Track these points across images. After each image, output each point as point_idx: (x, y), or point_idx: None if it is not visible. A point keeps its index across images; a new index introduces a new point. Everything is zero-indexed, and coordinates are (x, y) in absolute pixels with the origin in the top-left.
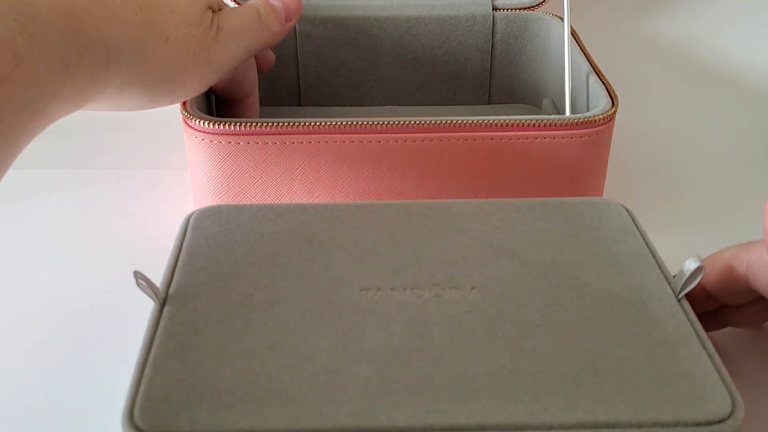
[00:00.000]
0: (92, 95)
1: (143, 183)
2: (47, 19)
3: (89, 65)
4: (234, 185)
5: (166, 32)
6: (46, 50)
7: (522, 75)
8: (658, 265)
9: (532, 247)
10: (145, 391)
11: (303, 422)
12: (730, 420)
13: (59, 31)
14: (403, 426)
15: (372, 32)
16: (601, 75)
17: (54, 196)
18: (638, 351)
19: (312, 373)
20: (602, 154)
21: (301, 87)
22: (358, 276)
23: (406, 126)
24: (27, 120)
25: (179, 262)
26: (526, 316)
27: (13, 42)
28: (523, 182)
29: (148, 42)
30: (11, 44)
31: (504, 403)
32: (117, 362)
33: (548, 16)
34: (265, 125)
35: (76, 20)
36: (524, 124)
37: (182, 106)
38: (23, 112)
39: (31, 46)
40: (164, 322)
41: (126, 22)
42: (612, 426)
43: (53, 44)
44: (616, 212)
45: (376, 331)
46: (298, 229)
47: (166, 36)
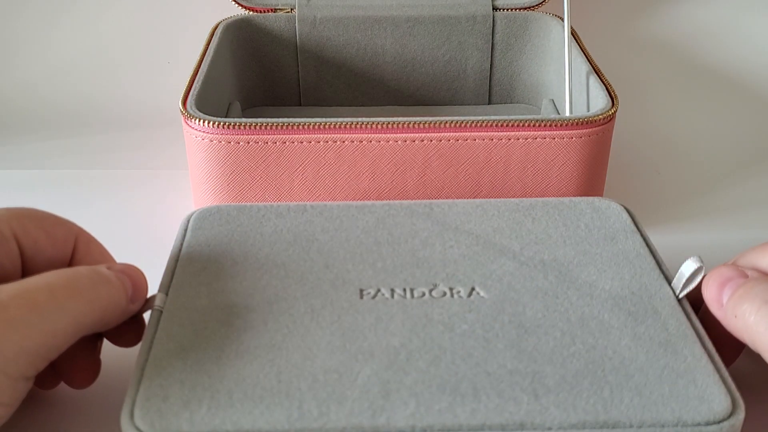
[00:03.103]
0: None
1: (143, 183)
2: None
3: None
4: (234, 185)
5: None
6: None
7: (522, 75)
8: (658, 265)
9: (532, 247)
10: (145, 391)
11: (303, 422)
12: (730, 420)
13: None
14: (403, 426)
15: (372, 32)
16: (601, 75)
17: (54, 196)
18: (638, 351)
19: (312, 373)
20: (602, 154)
21: (301, 87)
22: (358, 276)
23: (406, 126)
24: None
25: (179, 262)
26: (526, 316)
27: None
28: (523, 182)
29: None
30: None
31: (504, 403)
32: (117, 362)
33: (548, 16)
34: (265, 125)
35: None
36: (524, 124)
37: (182, 106)
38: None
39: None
40: (164, 322)
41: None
42: (612, 426)
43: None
44: (616, 212)
45: (376, 331)
46: (298, 229)
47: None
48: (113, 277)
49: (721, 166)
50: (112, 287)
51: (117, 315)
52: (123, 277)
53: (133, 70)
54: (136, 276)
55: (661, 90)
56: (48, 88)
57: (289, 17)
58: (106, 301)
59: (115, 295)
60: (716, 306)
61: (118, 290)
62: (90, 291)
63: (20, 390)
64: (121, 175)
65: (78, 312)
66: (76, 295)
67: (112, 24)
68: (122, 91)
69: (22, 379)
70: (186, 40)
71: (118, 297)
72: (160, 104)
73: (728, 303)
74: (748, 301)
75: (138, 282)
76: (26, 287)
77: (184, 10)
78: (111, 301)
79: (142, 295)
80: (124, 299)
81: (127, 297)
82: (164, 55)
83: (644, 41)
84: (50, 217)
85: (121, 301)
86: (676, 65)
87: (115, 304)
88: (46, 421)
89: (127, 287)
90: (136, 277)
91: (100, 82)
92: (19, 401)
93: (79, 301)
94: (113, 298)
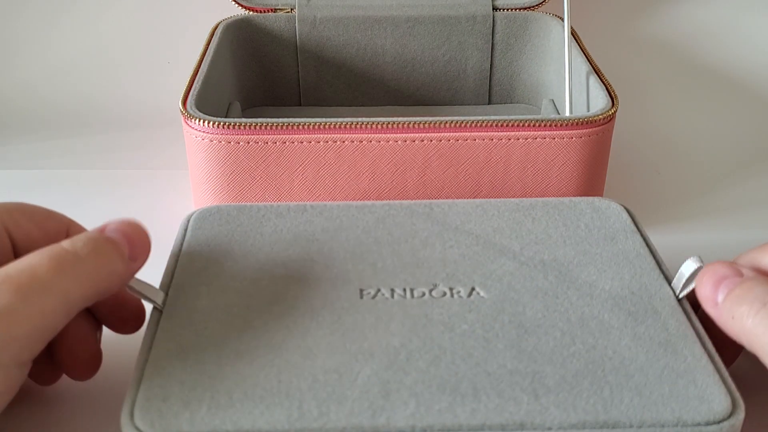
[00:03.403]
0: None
1: (143, 183)
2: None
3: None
4: (234, 185)
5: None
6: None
7: (522, 75)
8: (658, 265)
9: (532, 247)
10: (145, 391)
11: (303, 422)
12: (730, 420)
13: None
14: (403, 426)
15: (372, 32)
16: (601, 75)
17: (54, 196)
18: (638, 351)
19: (312, 373)
20: (602, 154)
21: (301, 87)
22: (358, 276)
23: (406, 126)
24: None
25: (179, 262)
26: (526, 316)
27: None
28: (523, 182)
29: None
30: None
31: (504, 403)
32: (117, 362)
33: (548, 16)
34: (265, 125)
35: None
36: (524, 124)
37: (182, 106)
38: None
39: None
40: (164, 322)
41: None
42: (612, 426)
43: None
44: (616, 212)
45: (376, 331)
46: (298, 229)
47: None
48: (102, 242)
49: (721, 166)
50: (100, 254)
51: (115, 280)
52: (116, 237)
53: (133, 70)
54: (133, 231)
55: (661, 90)
56: (48, 88)
57: (289, 17)
58: (97, 271)
59: (106, 261)
60: (710, 304)
61: (109, 255)
62: (75, 265)
63: (15, 377)
64: (121, 175)
65: (66, 288)
66: (61, 272)
67: (112, 24)
68: (122, 91)
69: (15, 365)
70: (186, 40)
71: (110, 262)
72: (160, 104)
73: (724, 303)
74: (746, 303)
75: (134, 238)
76: (7, 272)
77: (184, 10)
78: (103, 269)
79: (143, 251)
80: (120, 261)
81: (124, 257)
82: (164, 55)
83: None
84: (41, 211)
85: (115, 265)
86: (676, 65)
87: (108, 270)
88: (46, 421)
89: (122, 247)
90: (133, 233)
91: (100, 82)
92: (15, 389)
93: (65, 278)
94: (105, 265)
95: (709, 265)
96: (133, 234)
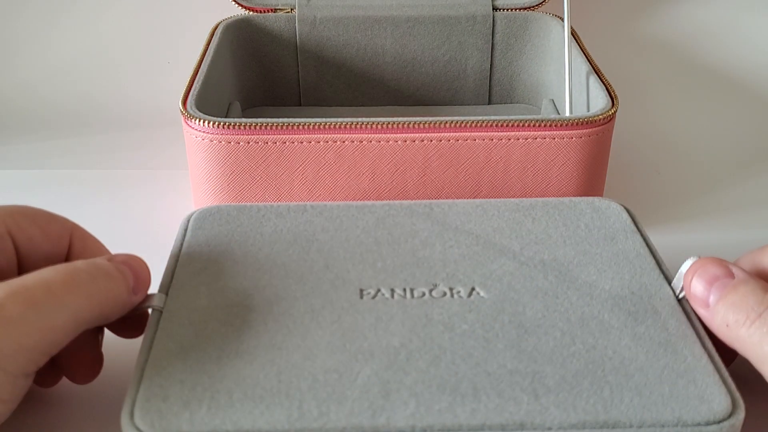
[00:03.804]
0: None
1: (143, 183)
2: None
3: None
4: (234, 185)
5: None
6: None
7: (522, 75)
8: (658, 265)
9: (532, 247)
10: (145, 391)
11: (303, 422)
12: (730, 420)
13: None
14: (403, 426)
15: (372, 32)
16: (601, 75)
17: (54, 196)
18: (638, 351)
19: (312, 373)
20: (602, 154)
21: (301, 87)
22: (358, 276)
23: (406, 126)
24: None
25: (179, 262)
26: (526, 316)
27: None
28: (523, 182)
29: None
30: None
31: (504, 403)
32: (117, 362)
33: (548, 16)
34: (265, 125)
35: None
36: (524, 124)
37: (182, 106)
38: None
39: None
40: (164, 322)
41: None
42: (612, 426)
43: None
44: (616, 212)
45: (376, 331)
46: (298, 229)
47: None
48: (113, 269)
49: (721, 166)
50: (111, 280)
51: (119, 307)
52: (124, 269)
53: (133, 70)
54: (138, 266)
55: (661, 90)
56: (48, 88)
57: (289, 17)
58: (106, 295)
59: (114, 287)
60: (700, 304)
61: (117, 282)
62: (88, 285)
63: (20, 387)
64: (121, 175)
65: (77, 307)
66: (75, 290)
67: (112, 24)
68: (122, 92)
69: (21, 375)
70: (186, 40)
71: (118, 289)
72: (160, 104)
73: (717, 306)
74: (742, 312)
75: (140, 272)
76: (24, 284)
77: (184, 10)
78: (111, 294)
79: (144, 286)
80: (125, 291)
81: (129, 289)
82: (164, 55)
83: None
84: (44, 214)
85: (122, 293)
86: (676, 65)
87: (115, 296)
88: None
89: (128, 278)
90: (138, 268)
91: (100, 83)
92: (19, 398)
93: (78, 296)
94: (113, 291)
95: (699, 261)
96: (138, 269)
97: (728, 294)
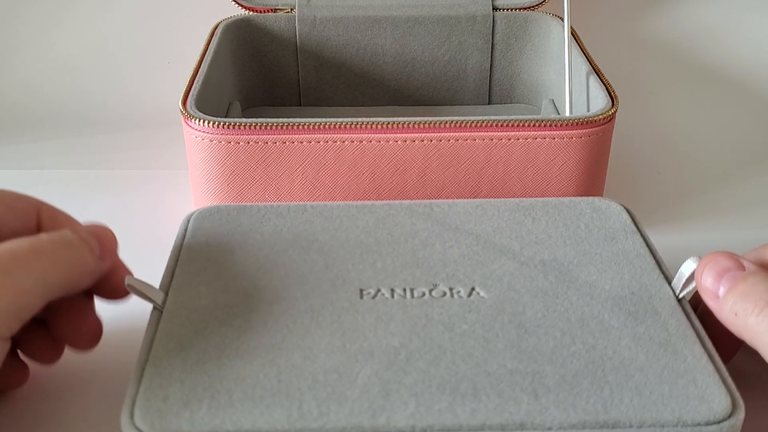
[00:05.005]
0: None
1: (143, 183)
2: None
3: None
4: (234, 185)
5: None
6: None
7: (522, 75)
8: (658, 265)
9: (532, 247)
10: (145, 391)
11: (303, 422)
12: (730, 420)
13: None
14: (403, 426)
15: (372, 32)
16: (601, 75)
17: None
18: (638, 351)
19: (312, 373)
20: (602, 154)
21: (301, 87)
22: (358, 276)
23: (406, 126)
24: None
25: (179, 262)
26: (526, 316)
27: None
28: (523, 182)
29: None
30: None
31: (504, 403)
32: (117, 362)
33: (548, 16)
34: (265, 125)
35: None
36: (524, 124)
37: (182, 106)
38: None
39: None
40: (164, 322)
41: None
42: (612, 426)
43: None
44: (616, 212)
45: (376, 331)
46: (298, 229)
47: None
48: (75, 239)
49: (721, 166)
50: (74, 248)
51: (87, 274)
52: (88, 237)
53: (134, 71)
54: (102, 233)
55: (661, 90)
56: (48, 88)
57: (289, 17)
58: (71, 262)
59: (80, 255)
60: (711, 296)
61: (82, 250)
62: (53, 252)
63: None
64: (121, 175)
65: (43, 272)
66: (40, 256)
67: (113, 24)
68: (123, 91)
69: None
70: (186, 40)
71: (83, 257)
72: (160, 104)
73: (726, 297)
74: (750, 301)
75: (104, 239)
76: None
77: (184, 10)
78: (76, 261)
79: (110, 252)
80: (91, 258)
81: (95, 255)
82: (164, 55)
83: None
84: (9, 193)
85: (87, 260)
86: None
87: (81, 263)
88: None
89: (93, 246)
90: (102, 234)
91: (101, 82)
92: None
93: (44, 262)
94: (78, 258)
95: (711, 255)
96: (102, 235)
97: (738, 284)
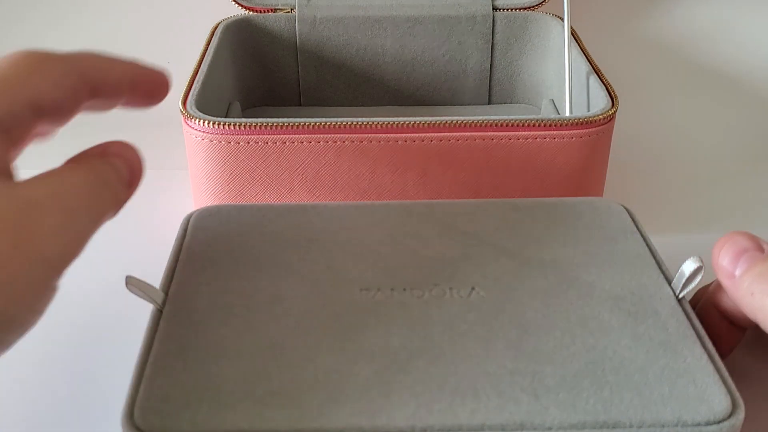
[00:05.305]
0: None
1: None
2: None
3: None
4: (234, 185)
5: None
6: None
7: (522, 75)
8: (658, 265)
9: (532, 247)
10: (145, 391)
11: (303, 422)
12: (730, 420)
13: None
14: (403, 426)
15: (372, 32)
16: (601, 75)
17: None
18: (638, 351)
19: (312, 373)
20: (602, 154)
21: (301, 87)
22: (358, 276)
23: (406, 126)
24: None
25: (179, 262)
26: (526, 316)
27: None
28: (523, 182)
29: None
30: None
31: (504, 403)
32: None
33: (548, 16)
34: (265, 125)
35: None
36: (524, 124)
37: (182, 106)
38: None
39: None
40: (164, 322)
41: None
42: (612, 426)
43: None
44: (616, 212)
45: (376, 331)
46: (298, 229)
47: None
48: (112, 177)
49: (721, 166)
50: (111, 189)
51: (117, 209)
52: (122, 169)
53: None
54: (134, 158)
55: (661, 90)
56: None
57: (289, 17)
58: (108, 205)
59: (116, 194)
60: (726, 275)
61: (117, 189)
62: (95, 196)
63: (51, 297)
64: None
65: (92, 218)
66: (87, 199)
67: (112, 24)
68: None
69: (53, 287)
70: (186, 40)
71: (119, 195)
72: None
73: (743, 276)
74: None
75: (134, 165)
76: (56, 191)
77: (184, 10)
78: (113, 202)
79: (137, 178)
80: (123, 194)
81: (126, 188)
82: (164, 55)
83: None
84: (52, 62)
85: (120, 197)
86: (676, 65)
87: (117, 200)
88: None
89: (125, 178)
90: (132, 159)
91: None
92: (42, 312)
93: (83, 213)
94: (115, 197)
95: (729, 235)
96: (131, 161)
97: (756, 264)
